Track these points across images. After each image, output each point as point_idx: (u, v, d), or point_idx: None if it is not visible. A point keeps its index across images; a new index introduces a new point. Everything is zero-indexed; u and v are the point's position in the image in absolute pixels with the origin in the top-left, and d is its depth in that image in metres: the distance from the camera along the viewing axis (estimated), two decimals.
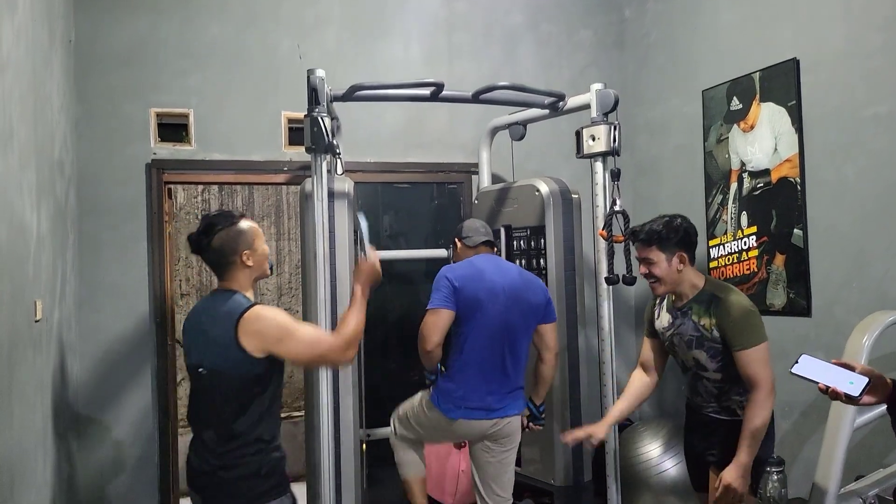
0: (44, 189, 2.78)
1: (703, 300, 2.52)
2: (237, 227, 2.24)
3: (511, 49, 4.31)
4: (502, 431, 2.96)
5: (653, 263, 2.53)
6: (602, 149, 3.16)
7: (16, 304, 2.31)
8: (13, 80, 2.34)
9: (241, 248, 2.22)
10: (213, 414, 2.16)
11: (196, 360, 2.21)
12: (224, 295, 2.23)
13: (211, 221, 2.24)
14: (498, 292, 2.91)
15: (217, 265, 2.24)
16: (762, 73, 3.42)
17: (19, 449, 2.33)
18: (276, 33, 3.89)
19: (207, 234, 2.21)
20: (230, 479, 2.13)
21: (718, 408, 2.59)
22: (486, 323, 2.89)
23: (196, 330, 2.24)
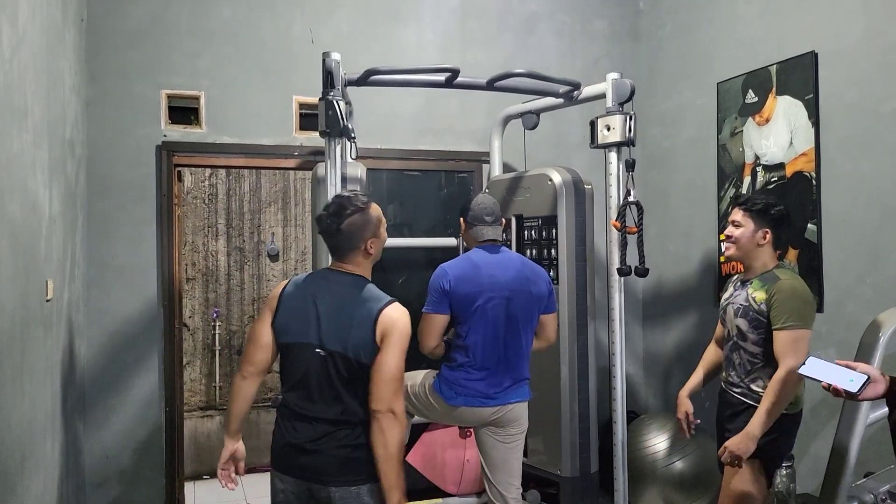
0: (56, 168, 2.77)
1: (765, 278, 2.62)
2: (367, 213, 2.22)
3: (524, 38, 4.28)
4: (505, 418, 2.93)
5: (739, 227, 2.66)
6: (617, 139, 3.14)
7: (29, 283, 2.30)
8: (29, 58, 2.32)
9: (367, 235, 2.21)
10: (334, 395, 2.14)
11: (314, 341, 2.15)
12: (353, 279, 2.21)
13: (342, 204, 2.21)
14: (497, 288, 2.84)
15: (341, 248, 2.22)
16: (779, 66, 3.39)
17: (29, 428, 2.33)
18: (288, 16, 3.86)
19: (339, 217, 2.18)
20: (355, 458, 2.12)
21: (747, 389, 2.64)
22: (486, 319, 2.84)
23: (321, 310, 2.16)
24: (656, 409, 4.30)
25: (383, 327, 2.11)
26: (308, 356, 2.15)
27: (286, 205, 5.91)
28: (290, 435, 2.17)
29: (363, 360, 2.11)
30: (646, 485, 3.61)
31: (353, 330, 2.12)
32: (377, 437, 2.08)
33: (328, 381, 2.13)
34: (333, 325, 2.14)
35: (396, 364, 2.10)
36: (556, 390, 3.39)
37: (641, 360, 4.46)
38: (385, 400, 2.07)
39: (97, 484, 3.54)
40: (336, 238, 2.20)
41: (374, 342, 2.10)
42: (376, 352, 2.10)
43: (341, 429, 2.13)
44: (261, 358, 2.23)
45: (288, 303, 2.21)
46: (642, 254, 3.12)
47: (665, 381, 4.29)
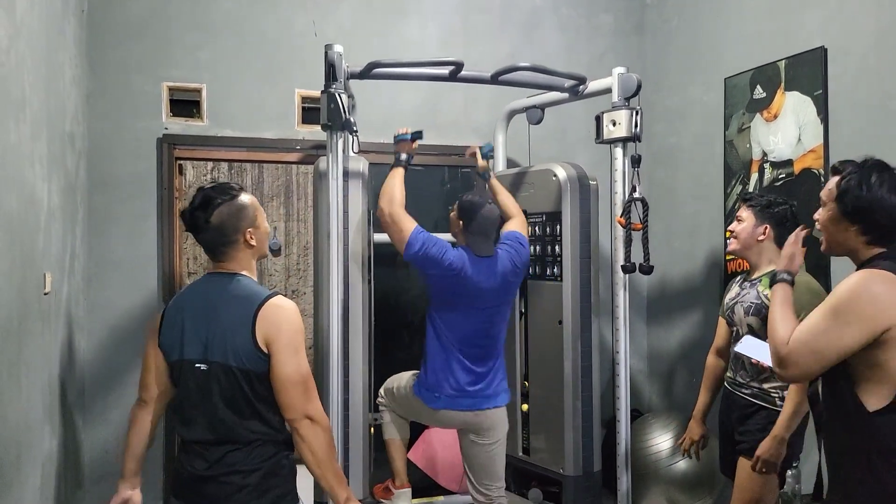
0: (55, 161, 2.74)
1: (774, 275, 2.55)
2: (238, 202, 1.99)
3: (529, 32, 4.24)
4: (483, 424, 2.93)
5: (740, 221, 2.70)
6: (623, 134, 3.10)
7: (26, 276, 2.27)
8: (27, 48, 2.29)
9: (243, 226, 1.99)
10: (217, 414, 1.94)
11: (195, 356, 1.94)
12: (227, 278, 1.99)
13: (208, 195, 1.97)
14: (480, 294, 2.87)
15: (215, 245, 1.99)
16: (788, 62, 3.35)
17: (26, 423, 2.30)
18: (291, 9, 3.82)
19: (205, 210, 1.96)
20: (246, 484, 1.92)
21: (758, 390, 2.62)
22: (467, 322, 2.87)
23: (196, 320, 1.96)
24: (660, 408, 4.27)
25: (265, 329, 1.89)
26: (188, 373, 1.95)
27: (289, 199, 5.88)
28: (185, 464, 1.97)
29: (247, 366, 1.89)
30: (649, 484, 3.58)
31: (230, 335, 1.90)
32: (301, 446, 1.92)
33: (208, 399, 1.92)
34: (213, 333, 1.92)
35: (296, 366, 1.90)
36: (560, 388, 3.36)
37: (646, 359, 4.43)
38: (296, 407, 1.91)
39: (96, 479, 3.52)
40: (207, 233, 1.97)
41: (255, 347, 1.89)
42: (261, 357, 1.89)
43: (228, 452, 1.91)
44: (150, 381, 2.03)
45: (169, 319, 2.00)
46: (647, 251, 3.08)
47: (669, 379, 4.26)
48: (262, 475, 1.92)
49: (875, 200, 1.77)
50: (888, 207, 1.76)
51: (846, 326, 1.67)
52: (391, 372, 3.61)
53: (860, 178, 1.80)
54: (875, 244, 1.80)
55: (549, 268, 3.46)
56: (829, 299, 1.74)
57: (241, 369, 1.90)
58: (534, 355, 3.55)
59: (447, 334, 2.88)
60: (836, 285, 1.77)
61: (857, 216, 1.79)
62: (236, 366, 1.90)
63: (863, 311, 1.67)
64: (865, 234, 1.80)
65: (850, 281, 1.73)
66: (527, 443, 3.57)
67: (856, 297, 1.69)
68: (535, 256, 3.53)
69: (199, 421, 1.94)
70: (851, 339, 1.67)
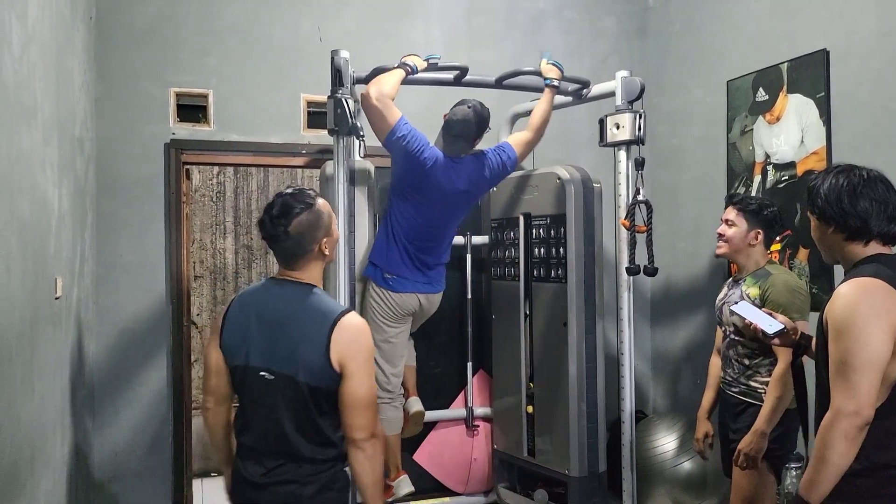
0: (65, 166, 2.77)
1: (758, 275, 2.68)
2: (316, 210, 1.93)
3: (532, 35, 4.27)
4: (431, 309, 3.21)
5: (732, 226, 2.72)
6: (626, 137, 3.13)
7: (38, 280, 2.30)
8: (38, 56, 2.32)
9: (319, 236, 1.94)
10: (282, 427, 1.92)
11: (261, 363, 1.92)
12: (300, 288, 1.95)
13: (287, 202, 1.91)
14: (440, 193, 3.00)
15: (291, 254, 1.94)
16: (790, 64, 3.37)
17: (39, 426, 2.33)
18: (296, 14, 3.85)
19: (285, 218, 1.89)
20: (300, 495, 1.90)
21: (746, 388, 2.66)
22: (416, 213, 3.02)
23: (264, 327, 1.93)
24: (665, 409, 4.28)
25: (340, 349, 1.86)
26: (252, 381, 1.93)
27: None
28: (242, 466, 1.97)
29: (316, 383, 1.87)
30: (654, 485, 3.60)
31: (302, 349, 1.88)
32: (364, 465, 1.91)
33: (272, 409, 1.90)
34: (282, 344, 1.90)
35: (368, 388, 1.90)
36: (565, 389, 3.37)
37: (650, 360, 4.45)
38: (366, 427, 1.89)
39: (106, 480, 3.55)
40: (284, 243, 1.91)
41: (328, 365, 1.86)
42: (333, 376, 1.87)
43: (286, 463, 1.91)
44: (215, 384, 2.02)
45: (232, 321, 1.97)
46: (651, 253, 3.10)
47: (673, 380, 4.27)
48: (317, 488, 1.90)
49: (833, 200, 1.86)
50: (846, 205, 1.84)
51: (868, 335, 1.70)
52: None
53: (820, 183, 1.91)
54: (853, 240, 1.87)
55: (553, 270, 3.48)
56: (836, 327, 1.76)
57: (309, 385, 1.88)
58: (538, 357, 3.57)
59: (399, 225, 3.03)
60: (831, 310, 1.80)
61: (826, 218, 1.88)
62: (305, 381, 1.87)
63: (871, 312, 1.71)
64: (842, 232, 1.87)
65: (844, 300, 1.77)
66: (532, 444, 3.59)
67: (856, 307, 1.73)
68: (540, 258, 3.56)
69: (259, 429, 1.93)
70: (878, 340, 1.70)
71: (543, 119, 3.16)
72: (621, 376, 3.22)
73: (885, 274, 1.77)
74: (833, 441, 1.71)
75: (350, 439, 1.91)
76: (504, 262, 3.77)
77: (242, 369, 1.95)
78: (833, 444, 1.71)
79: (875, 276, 1.76)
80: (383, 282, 3.05)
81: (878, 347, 1.70)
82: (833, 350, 1.77)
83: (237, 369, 1.97)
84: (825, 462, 1.73)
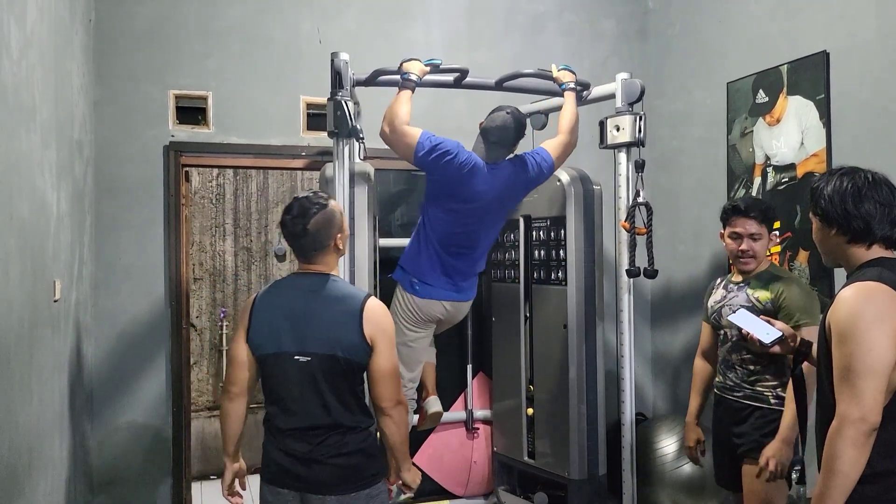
0: (64, 169, 2.77)
1: (763, 278, 2.61)
2: (330, 210, 2.18)
3: (532, 37, 4.27)
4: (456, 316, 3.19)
5: (759, 239, 2.60)
6: (626, 139, 3.13)
7: (37, 283, 2.30)
8: (37, 58, 2.32)
9: (334, 232, 2.19)
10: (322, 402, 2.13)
11: (294, 349, 2.12)
12: (323, 279, 2.18)
13: (304, 204, 2.16)
14: (476, 199, 2.96)
15: (310, 249, 2.18)
16: (790, 66, 3.37)
17: (37, 429, 2.32)
18: (296, 16, 3.85)
19: (305, 217, 2.14)
20: (352, 464, 2.13)
21: (749, 391, 2.60)
22: (451, 220, 2.99)
23: (294, 315, 2.14)
24: (665, 412, 4.28)
25: (371, 327, 2.12)
26: (287, 365, 2.12)
27: None
28: (282, 448, 2.14)
29: (354, 358, 2.11)
30: (654, 488, 3.59)
31: (337, 330, 2.11)
32: (392, 429, 2.16)
33: (312, 388, 2.11)
34: (313, 328, 2.11)
35: (393, 362, 2.16)
36: (565, 392, 3.37)
37: (650, 362, 4.44)
38: (392, 396, 2.14)
39: (104, 484, 3.54)
40: (304, 239, 2.16)
41: (363, 341, 2.11)
42: (367, 350, 2.11)
43: (331, 436, 2.11)
44: (242, 376, 2.20)
45: (260, 315, 2.18)
46: (651, 255, 3.10)
47: (674, 383, 4.26)
48: (363, 456, 2.14)
49: (838, 202, 1.84)
50: (850, 207, 1.83)
51: (872, 340, 1.68)
52: None
53: (824, 185, 1.89)
54: (855, 242, 1.85)
55: (553, 272, 3.48)
56: (839, 332, 1.74)
57: (346, 359, 2.10)
58: (539, 359, 3.56)
59: (434, 231, 3.00)
60: (833, 315, 1.79)
61: (830, 221, 1.87)
62: (344, 356, 2.10)
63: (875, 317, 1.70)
64: (844, 235, 1.85)
65: (847, 305, 1.75)
66: (532, 447, 3.58)
67: (859, 312, 1.72)
68: (540, 261, 3.55)
69: (299, 409, 2.12)
70: (883, 345, 1.68)
71: (572, 121, 3.12)
72: (621, 379, 3.21)
73: (889, 278, 1.75)
74: (841, 450, 1.67)
75: (379, 408, 2.15)
76: (504, 264, 3.77)
77: (275, 356, 2.14)
78: (841, 453, 1.67)
79: (878, 280, 1.74)
80: (409, 286, 3.04)
81: (883, 353, 1.68)
82: (837, 356, 1.75)
83: (269, 357, 2.15)
84: (835, 473, 1.68)
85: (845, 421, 1.68)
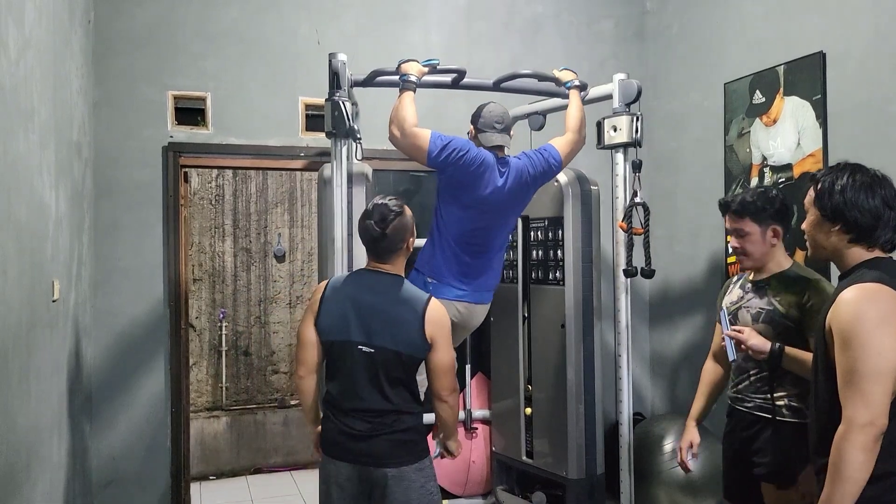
0: (62, 170, 2.78)
1: (785, 279, 2.39)
2: (406, 216, 2.39)
3: (531, 38, 4.28)
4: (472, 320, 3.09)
5: (746, 236, 2.40)
6: (624, 139, 3.13)
7: (35, 283, 2.30)
8: (35, 59, 2.33)
9: (407, 236, 2.40)
10: None
11: (360, 339, 2.32)
12: (392, 279, 2.39)
13: (383, 211, 2.34)
14: (489, 195, 2.91)
15: (385, 251, 2.38)
16: (787, 67, 3.38)
17: (36, 429, 2.33)
18: (295, 17, 3.86)
19: (384, 222, 2.33)
20: (406, 440, 2.35)
21: (766, 402, 2.38)
22: (465, 217, 2.94)
23: (363, 309, 2.34)
24: (663, 412, 4.28)
25: (431, 327, 2.33)
26: (351, 353, 2.33)
27: (293, 206, 5.92)
28: (343, 425, 2.34)
29: (414, 354, 2.33)
30: (652, 487, 3.60)
31: (401, 328, 2.32)
32: (447, 412, 2.43)
33: (373, 376, 2.31)
34: (379, 323, 2.32)
35: (451, 357, 2.41)
36: (563, 392, 3.38)
37: (648, 362, 4.45)
38: (449, 385, 2.39)
39: (103, 484, 3.55)
40: (382, 242, 2.36)
41: (424, 340, 2.32)
42: (426, 348, 2.33)
43: (387, 417, 2.32)
44: (309, 357, 2.40)
45: (329, 304, 2.38)
46: (648, 255, 3.10)
47: (671, 383, 4.27)
48: (414, 433, 2.37)
49: (850, 197, 1.83)
50: (862, 202, 1.82)
51: (877, 343, 1.67)
52: None
53: (834, 178, 1.86)
54: (857, 242, 1.85)
55: (551, 272, 3.49)
56: (842, 336, 1.73)
57: (407, 354, 2.32)
58: (537, 359, 3.57)
59: (448, 229, 2.96)
60: (835, 317, 1.77)
61: (837, 215, 1.85)
62: (406, 352, 2.32)
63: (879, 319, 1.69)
64: (848, 233, 1.84)
65: (849, 307, 1.74)
66: (530, 446, 3.59)
67: (863, 314, 1.71)
68: (538, 261, 3.56)
69: (361, 393, 2.33)
70: (888, 347, 1.67)
71: (578, 118, 3.09)
72: (619, 378, 3.21)
73: (889, 279, 1.74)
74: (849, 455, 1.65)
75: (438, 395, 2.40)
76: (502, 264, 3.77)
77: (341, 344, 2.35)
78: (849, 458, 1.65)
79: (879, 282, 1.73)
80: (423, 287, 3.00)
81: (889, 356, 1.66)
82: (841, 359, 1.72)
83: (335, 344, 2.36)
84: (843, 478, 1.66)
85: (853, 425, 1.66)
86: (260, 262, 5.85)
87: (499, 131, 2.98)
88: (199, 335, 5.63)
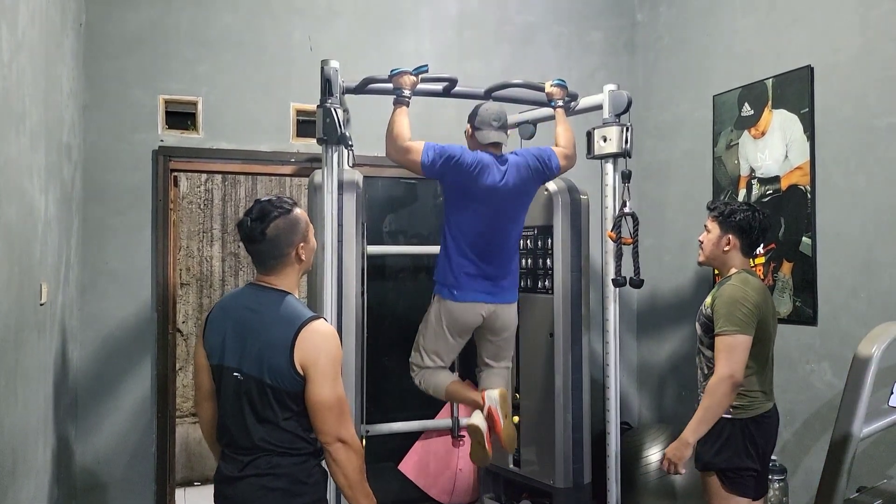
0: (52, 172, 2.77)
1: (721, 283, 2.66)
2: (294, 216, 2.02)
3: (522, 48, 4.30)
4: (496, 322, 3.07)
5: (706, 232, 2.73)
6: (613, 150, 3.16)
7: (23, 286, 2.29)
8: (27, 62, 2.32)
9: (296, 240, 2.01)
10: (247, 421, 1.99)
11: (233, 363, 1.99)
12: (272, 295, 2.01)
13: (265, 207, 1.99)
14: (496, 195, 2.94)
15: (267, 257, 2.01)
16: (775, 80, 3.42)
17: (22, 433, 2.32)
18: (288, 24, 3.87)
19: (262, 221, 1.97)
20: (274, 487, 1.95)
21: None
22: (473, 219, 2.96)
23: (237, 329, 2.01)
24: (650, 421, 4.30)
25: (302, 354, 1.92)
26: (227, 380, 2.00)
27: None
28: (222, 468, 2.03)
29: (282, 386, 1.93)
30: (639, 496, 3.61)
31: (268, 353, 1.94)
32: (333, 468, 1.97)
33: (240, 408, 1.96)
34: (249, 346, 1.96)
35: (330, 392, 1.93)
36: (550, 401, 3.39)
37: (635, 372, 4.47)
38: (330, 431, 1.94)
39: (88, 489, 3.52)
40: (260, 245, 1.98)
41: (292, 368, 1.92)
42: (296, 379, 1.92)
43: (259, 457, 1.95)
44: (202, 380, 2.09)
45: (214, 323, 2.05)
46: (637, 265, 3.12)
47: (659, 392, 4.29)
48: (291, 480, 1.95)
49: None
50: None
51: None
52: (385, 383, 3.62)
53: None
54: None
55: (540, 281, 3.50)
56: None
57: (273, 387, 1.93)
58: (525, 367, 3.58)
59: (461, 235, 2.97)
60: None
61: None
62: (270, 383, 1.93)
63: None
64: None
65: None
66: (518, 455, 3.59)
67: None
68: (527, 269, 3.57)
69: (232, 427, 1.99)
70: None
71: (567, 137, 3.15)
72: (607, 388, 3.23)
73: None
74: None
75: (321, 442, 1.98)
76: None
77: (218, 368, 2.02)
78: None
79: None
80: (449, 294, 2.99)
81: None
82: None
83: (215, 368, 2.04)
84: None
85: None
86: (248, 268, 5.82)
87: (496, 129, 3.00)
88: (185, 340, 5.60)
